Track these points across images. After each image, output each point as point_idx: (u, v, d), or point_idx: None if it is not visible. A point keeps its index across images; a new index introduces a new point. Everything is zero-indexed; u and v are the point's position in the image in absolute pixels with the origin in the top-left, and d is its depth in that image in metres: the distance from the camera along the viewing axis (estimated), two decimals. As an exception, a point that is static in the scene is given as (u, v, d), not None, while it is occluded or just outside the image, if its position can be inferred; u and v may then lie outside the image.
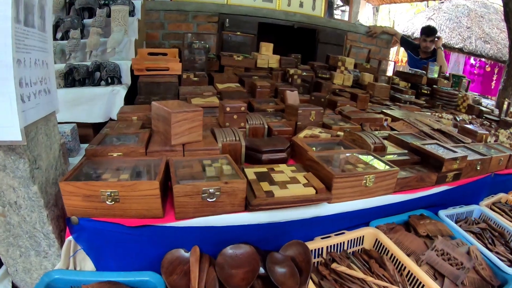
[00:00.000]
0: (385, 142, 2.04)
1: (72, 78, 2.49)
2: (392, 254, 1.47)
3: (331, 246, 1.48)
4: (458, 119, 3.35)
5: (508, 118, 3.78)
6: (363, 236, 1.56)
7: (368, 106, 3.11)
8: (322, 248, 1.46)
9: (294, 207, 1.40)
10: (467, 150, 2.28)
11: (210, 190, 1.26)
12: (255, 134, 2.03)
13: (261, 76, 3.21)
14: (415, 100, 3.81)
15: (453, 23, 7.96)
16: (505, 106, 3.57)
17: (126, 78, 2.65)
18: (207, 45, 3.30)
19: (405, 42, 5.46)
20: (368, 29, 5.47)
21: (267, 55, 3.50)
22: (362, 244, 1.58)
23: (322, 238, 1.48)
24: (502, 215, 2.13)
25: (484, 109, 3.95)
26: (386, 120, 2.78)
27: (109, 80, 2.58)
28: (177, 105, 1.67)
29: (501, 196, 2.38)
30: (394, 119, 2.86)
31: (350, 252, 1.53)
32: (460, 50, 7.78)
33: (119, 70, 2.58)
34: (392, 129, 2.64)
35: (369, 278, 1.29)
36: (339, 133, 2.20)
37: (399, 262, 1.44)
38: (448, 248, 1.59)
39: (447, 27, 7.99)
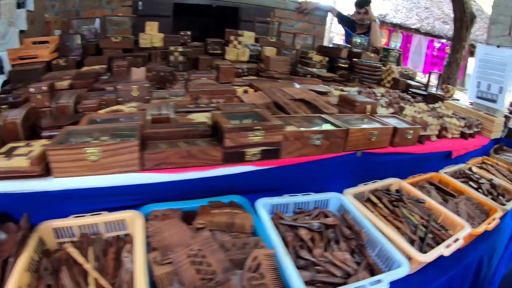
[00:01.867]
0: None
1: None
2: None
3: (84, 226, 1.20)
4: (363, 91, 2.59)
5: (437, 92, 3.04)
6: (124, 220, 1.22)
7: (233, 79, 2.61)
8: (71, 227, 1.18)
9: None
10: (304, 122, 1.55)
11: None
12: (62, 111, 1.74)
13: (136, 56, 2.93)
14: (320, 73, 3.13)
15: (411, 3, 7.29)
16: (432, 79, 2.84)
17: (7, 68, 2.61)
18: (95, 29, 3.29)
19: (342, 18, 4.86)
20: (298, 5, 4.78)
21: (149, 35, 3.26)
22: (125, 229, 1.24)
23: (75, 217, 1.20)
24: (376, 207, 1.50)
25: (412, 83, 3.23)
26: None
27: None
28: None
29: (390, 182, 1.75)
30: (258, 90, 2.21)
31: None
32: (417, 31, 7.09)
33: (1, 61, 2.58)
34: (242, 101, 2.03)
35: (86, 266, 1.03)
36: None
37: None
38: (207, 250, 1.09)
39: (404, 7, 7.31)
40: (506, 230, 1.82)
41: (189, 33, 3.45)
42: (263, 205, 1.36)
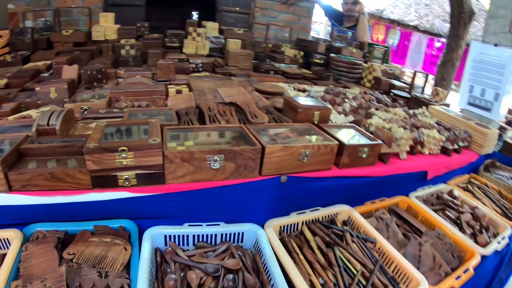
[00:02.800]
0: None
1: None
2: None
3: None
4: (331, 91, 2.17)
5: (422, 95, 2.61)
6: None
7: (174, 77, 2.24)
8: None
9: None
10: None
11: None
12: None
13: (84, 50, 2.67)
14: (287, 69, 2.74)
15: (410, -1, 6.79)
16: (419, 79, 2.42)
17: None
18: (48, 22, 3.16)
19: (329, 10, 4.48)
20: (282, -6, 4.36)
21: (103, 27, 2.99)
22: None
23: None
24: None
25: (397, 83, 2.80)
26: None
27: None
28: None
29: (338, 210, 1.39)
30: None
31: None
32: (416, 28, 6.59)
33: None
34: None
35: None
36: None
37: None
38: None
39: (402, 2, 6.82)
40: (481, 282, 1.40)
41: (146, 24, 3.13)
42: (153, 236, 1.12)
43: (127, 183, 1.07)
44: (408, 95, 2.59)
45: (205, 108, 1.48)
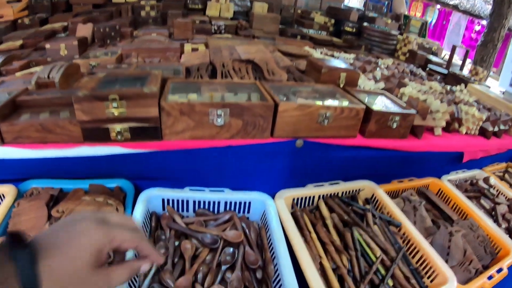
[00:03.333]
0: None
1: None
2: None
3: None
4: (362, 59, 1.97)
5: (461, 73, 2.36)
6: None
7: (192, 36, 2.10)
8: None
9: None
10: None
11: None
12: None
13: (103, 11, 2.57)
14: (315, 35, 2.52)
15: (452, -23, 6.27)
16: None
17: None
18: None
19: None
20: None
21: None
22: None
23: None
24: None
25: (433, 59, 2.54)
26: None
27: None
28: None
29: (360, 185, 1.23)
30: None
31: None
32: (455, 7, 6.09)
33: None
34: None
35: None
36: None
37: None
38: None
39: (443, -21, 6.32)
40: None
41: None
42: (149, 198, 1.00)
43: (119, 136, 0.94)
44: (445, 71, 2.34)
45: (218, 64, 1.32)
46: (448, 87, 1.96)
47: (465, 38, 6.64)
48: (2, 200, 1.00)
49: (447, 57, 3.08)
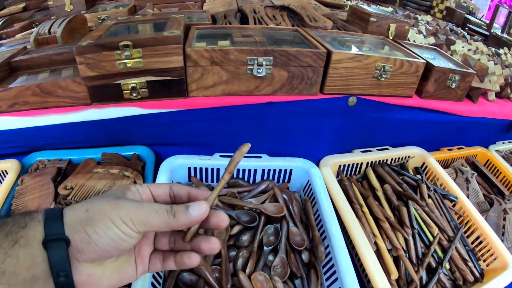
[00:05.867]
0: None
1: None
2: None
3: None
4: (400, 13, 1.76)
5: (504, 35, 2.14)
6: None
7: None
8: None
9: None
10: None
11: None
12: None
13: None
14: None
15: None
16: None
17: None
18: None
19: None
20: None
21: None
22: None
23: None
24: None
25: (472, 18, 2.31)
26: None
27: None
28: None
29: (410, 152, 1.07)
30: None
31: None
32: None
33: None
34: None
35: None
36: None
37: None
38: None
39: None
40: None
41: None
42: (173, 168, 0.85)
43: (135, 94, 0.78)
44: (486, 32, 2.12)
45: (249, 10, 1.14)
46: (493, 49, 1.77)
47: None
48: (4, 177, 0.88)
49: (483, 18, 2.84)
